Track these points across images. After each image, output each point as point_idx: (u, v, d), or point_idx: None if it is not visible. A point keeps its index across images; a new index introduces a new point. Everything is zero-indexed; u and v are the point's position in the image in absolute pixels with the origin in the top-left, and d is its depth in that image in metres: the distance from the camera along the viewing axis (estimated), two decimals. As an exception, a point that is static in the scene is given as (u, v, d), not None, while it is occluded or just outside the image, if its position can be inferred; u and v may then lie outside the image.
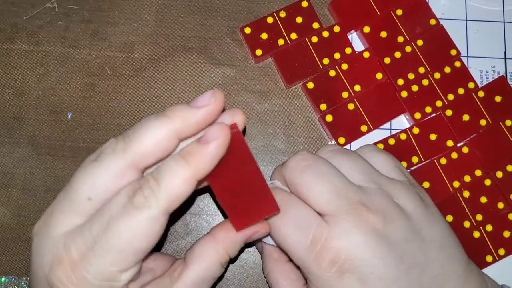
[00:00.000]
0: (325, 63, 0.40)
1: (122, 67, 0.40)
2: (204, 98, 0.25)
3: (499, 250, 0.37)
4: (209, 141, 0.24)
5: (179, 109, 0.25)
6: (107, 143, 0.25)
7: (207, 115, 0.25)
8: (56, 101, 0.40)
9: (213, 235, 0.28)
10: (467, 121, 0.39)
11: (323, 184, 0.28)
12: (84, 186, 0.24)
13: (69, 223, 0.24)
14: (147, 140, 0.24)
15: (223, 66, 0.41)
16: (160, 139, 0.24)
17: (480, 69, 0.41)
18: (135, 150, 0.24)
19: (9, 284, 0.37)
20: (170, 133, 0.24)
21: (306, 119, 0.40)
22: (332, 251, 0.26)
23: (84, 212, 0.24)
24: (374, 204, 0.27)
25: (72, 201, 0.24)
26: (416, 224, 0.28)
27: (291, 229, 0.27)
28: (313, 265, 0.27)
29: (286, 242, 0.28)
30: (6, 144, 0.39)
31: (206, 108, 0.25)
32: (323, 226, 0.27)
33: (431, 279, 0.27)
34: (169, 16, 0.41)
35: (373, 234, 0.26)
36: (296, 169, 0.29)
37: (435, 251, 0.28)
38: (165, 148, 0.25)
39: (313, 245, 0.27)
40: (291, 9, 0.41)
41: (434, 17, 0.41)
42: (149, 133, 0.24)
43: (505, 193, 0.38)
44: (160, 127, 0.24)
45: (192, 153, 0.24)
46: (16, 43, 0.40)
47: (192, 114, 0.25)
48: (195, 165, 0.24)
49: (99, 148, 0.25)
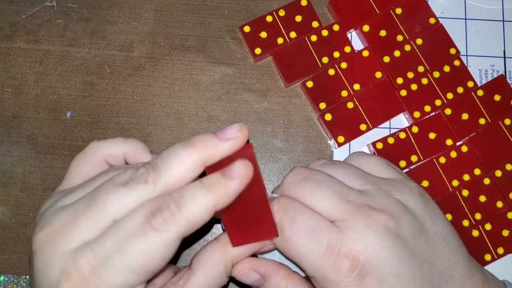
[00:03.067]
0: (325, 62, 0.40)
1: (121, 66, 0.40)
2: (232, 131, 0.26)
3: (498, 249, 0.37)
4: (234, 177, 0.25)
5: (206, 140, 0.25)
6: (138, 171, 0.25)
7: (233, 147, 0.26)
8: (55, 99, 0.40)
9: (222, 243, 0.28)
10: (466, 120, 0.39)
11: (324, 191, 0.28)
12: (112, 209, 0.24)
13: (82, 239, 0.24)
14: (176, 171, 0.25)
15: (223, 64, 0.41)
16: (188, 169, 0.25)
17: (480, 68, 0.41)
18: (165, 182, 0.25)
19: (8, 283, 0.37)
20: (198, 163, 0.25)
21: (305, 118, 0.40)
22: (350, 256, 0.26)
23: (102, 231, 0.24)
24: (379, 204, 0.27)
25: (95, 221, 0.24)
26: (420, 219, 0.28)
27: (303, 237, 0.27)
28: (331, 272, 0.26)
29: (299, 251, 0.27)
30: (5, 143, 0.39)
31: (233, 141, 0.26)
32: (336, 231, 0.27)
33: (439, 272, 0.28)
34: (168, 15, 0.41)
35: (386, 233, 0.27)
36: (293, 183, 0.29)
37: (439, 245, 0.28)
38: (191, 177, 0.25)
39: (329, 251, 0.26)
40: (290, 8, 0.41)
41: (433, 16, 0.41)
42: (177, 164, 0.25)
43: (504, 192, 0.38)
44: (188, 158, 0.25)
45: (216, 185, 0.25)
46: (15, 41, 0.40)
47: (219, 146, 0.25)
48: (218, 197, 0.25)
49: (125, 171, 0.25)
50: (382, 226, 0.27)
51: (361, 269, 0.26)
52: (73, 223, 0.24)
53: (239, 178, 0.25)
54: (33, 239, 0.25)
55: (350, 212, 0.27)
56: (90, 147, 0.29)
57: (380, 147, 0.39)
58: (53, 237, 0.24)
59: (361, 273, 0.26)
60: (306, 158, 0.39)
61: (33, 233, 0.25)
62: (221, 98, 0.40)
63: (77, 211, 0.25)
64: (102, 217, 0.24)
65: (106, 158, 0.29)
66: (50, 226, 0.25)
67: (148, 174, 0.25)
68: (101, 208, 0.24)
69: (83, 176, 0.28)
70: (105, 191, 0.25)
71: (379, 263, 0.26)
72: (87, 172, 0.28)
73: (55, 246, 0.24)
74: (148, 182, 0.24)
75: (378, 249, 0.26)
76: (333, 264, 0.26)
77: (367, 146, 0.40)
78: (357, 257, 0.26)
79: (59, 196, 0.27)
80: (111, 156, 0.29)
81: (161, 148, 0.39)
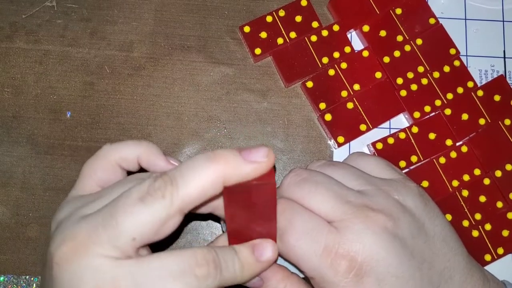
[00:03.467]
0: (324, 62, 0.40)
1: (121, 66, 0.40)
2: (259, 154, 0.24)
3: (498, 249, 0.37)
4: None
5: (229, 156, 0.24)
6: (156, 184, 0.24)
7: (256, 171, 0.24)
8: (55, 100, 0.40)
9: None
10: (466, 120, 0.39)
11: (323, 192, 0.28)
12: (131, 227, 0.23)
13: (106, 254, 0.23)
14: (194, 186, 0.23)
15: (222, 65, 0.41)
16: (208, 185, 0.24)
17: (479, 68, 0.41)
18: (183, 198, 0.23)
19: (8, 283, 0.37)
20: (218, 180, 0.24)
21: (305, 118, 0.40)
22: (348, 256, 0.26)
23: (123, 249, 0.24)
24: (378, 204, 0.27)
25: (115, 238, 0.23)
26: (419, 219, 0.28)
27: (301, 238, 0.27)
28: (329, 273, 0.26)
29: (297, 252, 0.27)
30: (5, 143, 0.39)
31: (257, 165, 0.24)
32: (334, 232, 0.27)
33: (439, 273, 0.28)
34: (168, 15, 0.41)
35: (384, 233, 0.27)
36: (292, 185, 0.29)
37: (438, 245, 0.28)
38: (210, 194, 0.24)
39: (327, 252, 0.26)
40: (290, 8, 0.41)
41: (433, 16, 0.41)
42: (196, 178, 0.23)
43: (504, 192, 0.38)
44: (209, 173, 0.23)
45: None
46: (15, 41, 0.40)
47: (243, 166, 0.24)
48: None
49: (143, 183, 0.24)
50: (381, 226, 0.27)
51: (358, 269, 0.26)
52: (96, 239, 0.23)
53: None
54: (55, 251, 0.24)
55: (349, 212, 0.27)
56: (103, 150, 0.28)
57: (380, 147, 0.39)
58: (78, 251, 0.24)
59: (359, 274, 0.26)
60: (306, 158, 0.39)
61: (53, 243, 0.24)
62: (221, 98, 0.40)
63: (97, 227, 0.24)
64: (123, 235, 0.23)
65: (119, 161, 0.28)
66: (74, 240, 0.24)
67: (166, 188, 0.23)
68: (119, 227, 0.23)
69: (96, 180, 0.28)
70: (122, 207, 0.24)
71: (377, 264, 0.26)
72: (100, 175, 0.28)
73: (80, 259, 0.23)
74: (166, 197, 0.23)
75: (376, 249, 0.26)
76: (331, 265, 0.26)
77: (367, 147, 0.40)
78: (355, 257, 0.26)
79: (77, 204, 0.26)
80: (124, 159, 0.28)
81: (161, 148, 0.39)
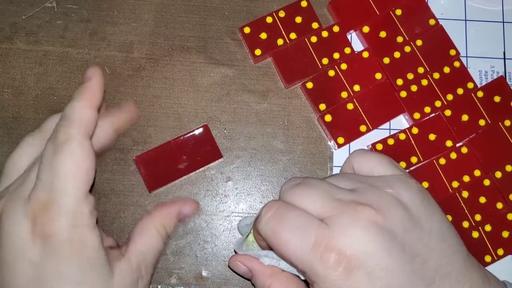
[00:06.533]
0: (324, 63, 0.40)
1: (121, 67, 0.40)
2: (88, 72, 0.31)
3: (498, 250, 0.37)
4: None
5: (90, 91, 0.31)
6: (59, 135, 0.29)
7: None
8: (55, 100, 0.40)
9: (150, 214, 0.34)
10: (466, 121, 0.39)
11: (314, 192, 0.29)
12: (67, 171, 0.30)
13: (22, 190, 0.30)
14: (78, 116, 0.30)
15: (222, 65, 0.41)
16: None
17: (479, 69, 0.41)
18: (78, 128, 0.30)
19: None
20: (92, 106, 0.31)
21: (305, 119, 0.40)
22: (336, 250, 0.27)
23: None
24: (367, 199, 0.28)
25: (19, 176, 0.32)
26: (414, 214, 0.28)
27: (292, 232, 0.28)
28: (319, 266, 0.27)
29: (288, 247, 0.28)
30: (5, 144, 0.39)
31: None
32: (324, 227, 0.27)
33: (434, 269, 0.28)
34: (168, 16, 0.41)
35: (372, 226, 0.27)
36: (288, 189, 0.30)
37: (435, 241, 0.28)
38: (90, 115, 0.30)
39: (317, 245, 0.27)
40: (290, 9, 0.41)
41: (433, 17, 0.41)
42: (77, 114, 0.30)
43: (504, 193, 0.38)
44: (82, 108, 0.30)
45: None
46: (15, 42, 0.40)
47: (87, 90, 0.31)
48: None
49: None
50: (369, 219, 0.27)
51: (347, 263, 0.26)
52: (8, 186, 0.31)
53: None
54: None
55: (338, 208, 0.28)
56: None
57: (380, 148, 0.39)
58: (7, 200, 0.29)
59: (348, 267, 0.26)
60: (306, 159, 0.39)
61: None
62: (221, 99, 0.40)
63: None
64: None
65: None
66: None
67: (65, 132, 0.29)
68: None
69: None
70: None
71: (366, 257, 0.26)
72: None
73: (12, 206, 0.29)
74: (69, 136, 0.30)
75: (364, 242, 0.27)
76: (320, 258, 0.27)
77: (367, 147, 0.40)
78: (343, 251, 0.26)
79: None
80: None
81: (161, 149, 0.39)
